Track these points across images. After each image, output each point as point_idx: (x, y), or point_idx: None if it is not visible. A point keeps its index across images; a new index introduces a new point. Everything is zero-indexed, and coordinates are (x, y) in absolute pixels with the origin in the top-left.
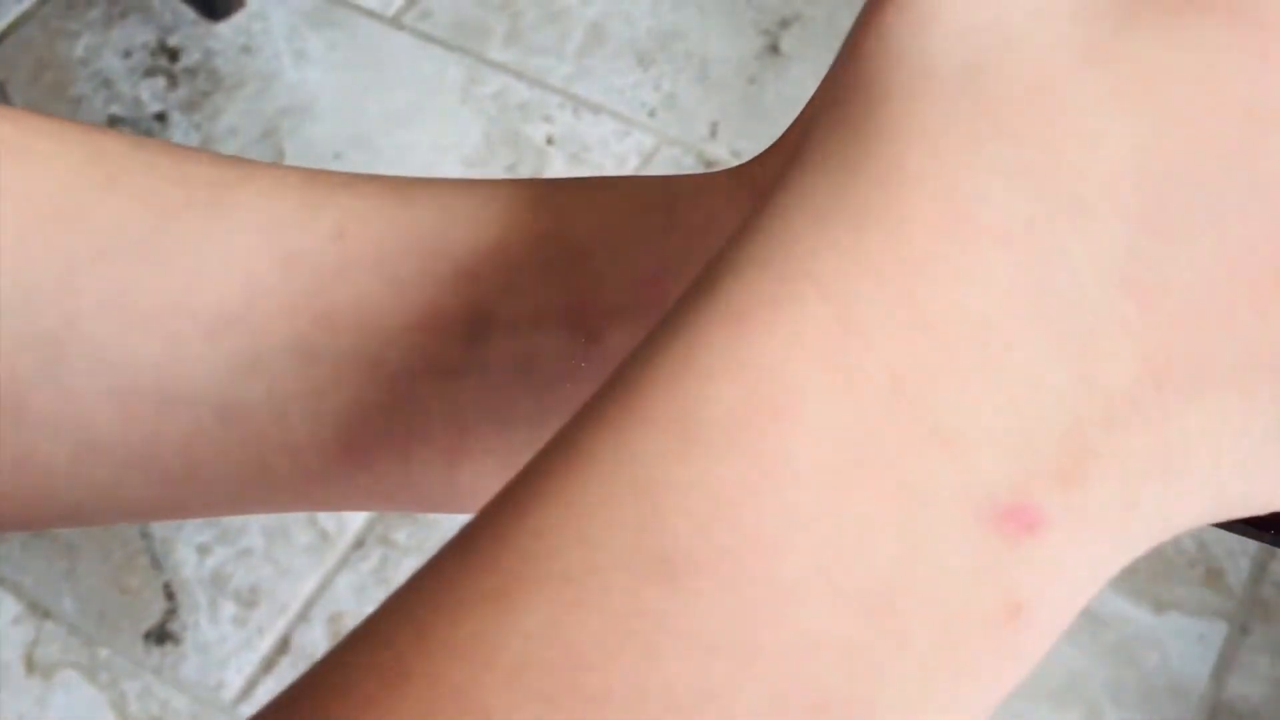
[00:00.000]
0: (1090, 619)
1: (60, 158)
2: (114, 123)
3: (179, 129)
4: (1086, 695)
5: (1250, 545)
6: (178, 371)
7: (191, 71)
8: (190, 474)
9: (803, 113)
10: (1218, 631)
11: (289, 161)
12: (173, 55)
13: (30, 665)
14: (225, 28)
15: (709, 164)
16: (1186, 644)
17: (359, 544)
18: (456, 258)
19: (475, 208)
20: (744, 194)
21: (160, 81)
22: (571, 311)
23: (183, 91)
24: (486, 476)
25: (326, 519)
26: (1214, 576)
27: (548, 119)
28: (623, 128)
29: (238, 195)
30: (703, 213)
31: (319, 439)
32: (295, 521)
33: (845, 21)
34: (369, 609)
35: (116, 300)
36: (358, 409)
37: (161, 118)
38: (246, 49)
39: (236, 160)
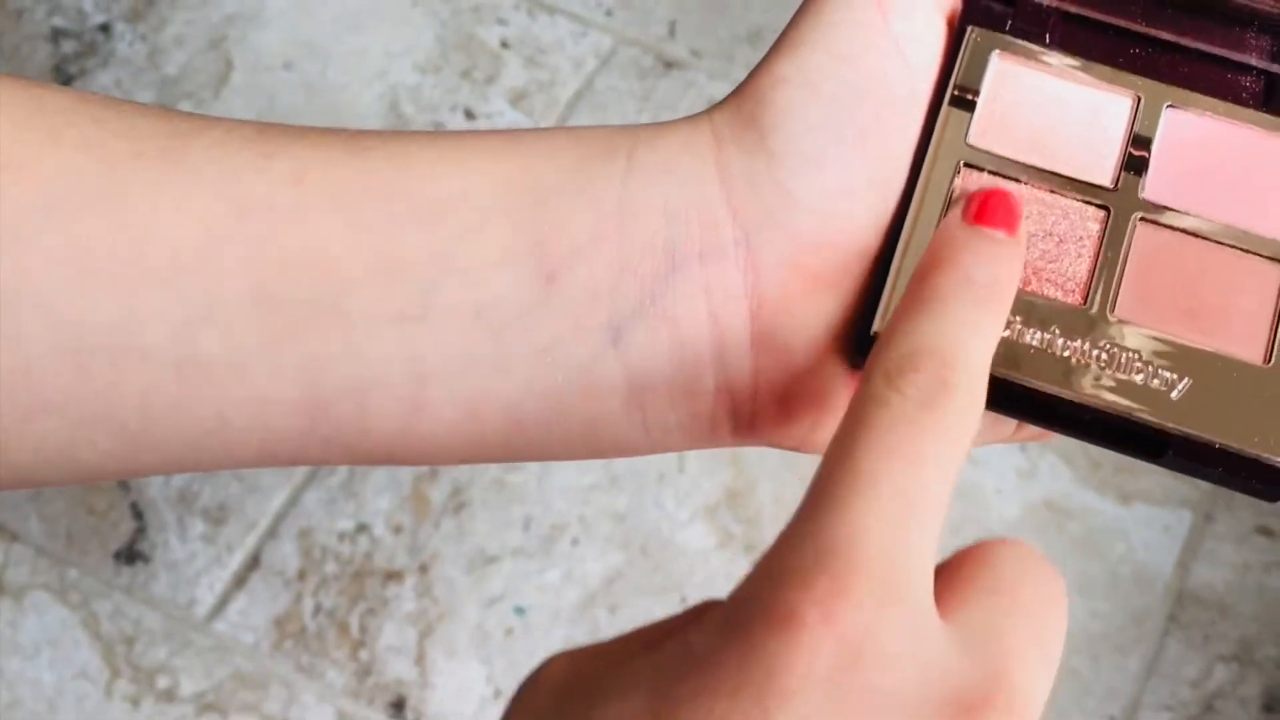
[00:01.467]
0: (1056, 511)
1: (1, 111)
2: (57, 35)
3: (124, 40)
4: None
5: None
6: (133, 325)
7: None
8: (147, 431)
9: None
10: (1182, 521)
11: (238, 73)
12: None
13: None
14: None
15: (668, 64)
16: (1152, 534)
17: None
18: (416, 202)
19: (435, 155)
20: (701, 139)
21: None
22: (533, 252)
23: (126, 1)
24: (445, 427)
25: None
26: None
27: (502, 21)
28: (579, 29)
29: (189, 144)
30: (661, 156)
31: (278, 390)
32: None
33: None
34: (339, 523)
35: (67, 254)
36: (317, 358)
37: (105, 29)
38: None
39: (187, 114)
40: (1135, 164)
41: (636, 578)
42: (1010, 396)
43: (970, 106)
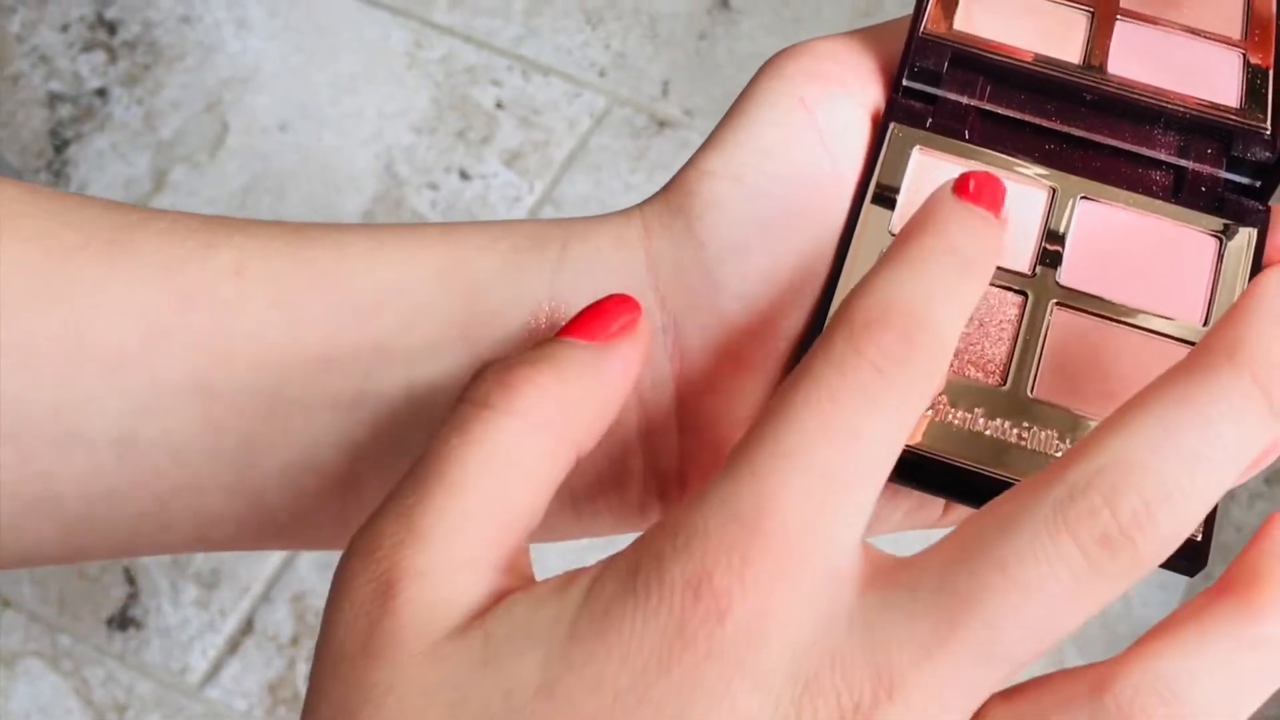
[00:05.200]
0: None
1: None
2: (54, 100)
3: (120, 104)
4: None
5: None
6: (76, 412)
7: (131, 44)
8: (86, 515)
9: None
10: (1179, 576)
11: (233, 136)
12: (111, 28)
13: None
14: None
15: (662, 123)
16: (1149, 590)
17: None
18: (353, 294)
19: (373, 247)
20: (631, 231)
21: (100, 56)
22: (465, 341)
23: (123, 65)
24: None
25: None
26: None
27: (496, 82)
28: (573, 89)
29: (135, 236)
30: (592, 247)
31: (216, 476)
32: None
33: None
34: None
35: (13, 342)
36: (253, 444)
37: (102, 93)
38: (186, 19)
39: (134, 207)
40: (1051, 251)
41: None
42: (934, 473)
43: (891, 204)
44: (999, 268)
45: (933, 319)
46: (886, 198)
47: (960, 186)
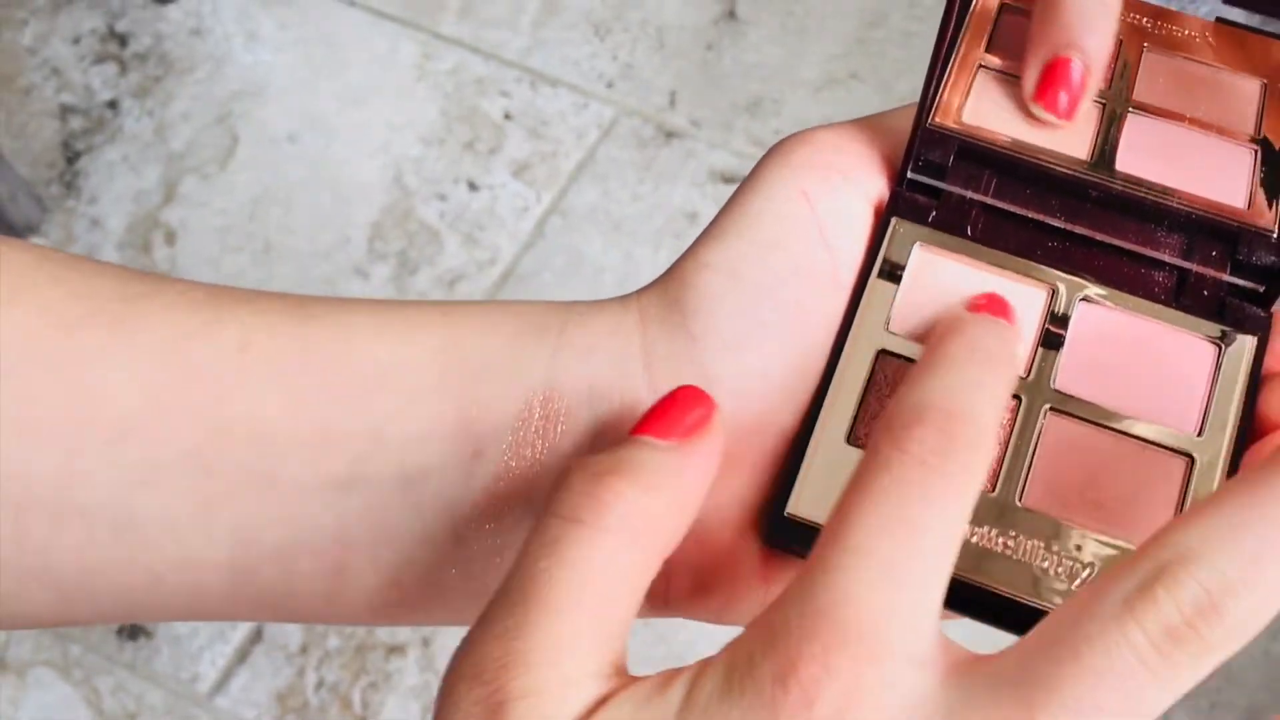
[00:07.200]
0: None
1: None
2: (65, 112)
3: (131, 116)
4: None
5: None
6: (74, 483)
7: (142, 57)
8: (81, 585)
9: None
10: None
11: (243, 147)
12: (122, 41)
13: (3, 664)
14: (174, 10)
15: (669, 134)
16: None
17: None
18: (353, 374)
19: (376, 326)
20: (628, 320)
21: (111, 68)
22: (460, 428)
23: (134, 77)
24: (368, 593)
25: None
26: None
27: (505, 94)
28: (581, 100)
29: (141, 308)
30: (590, 335)
31: (209, 551)
32: None
33: None
34: None
35: (16, 413)
36: (247, 522)
37: (113, 105)
38: (196, 31)
39: (143, 274)
40: (1048, 354)
41: (640, 649)
42: None
43: (885, 310)
44: None
45: (967, 410)
46: (882, 304)
47: (973, 305)
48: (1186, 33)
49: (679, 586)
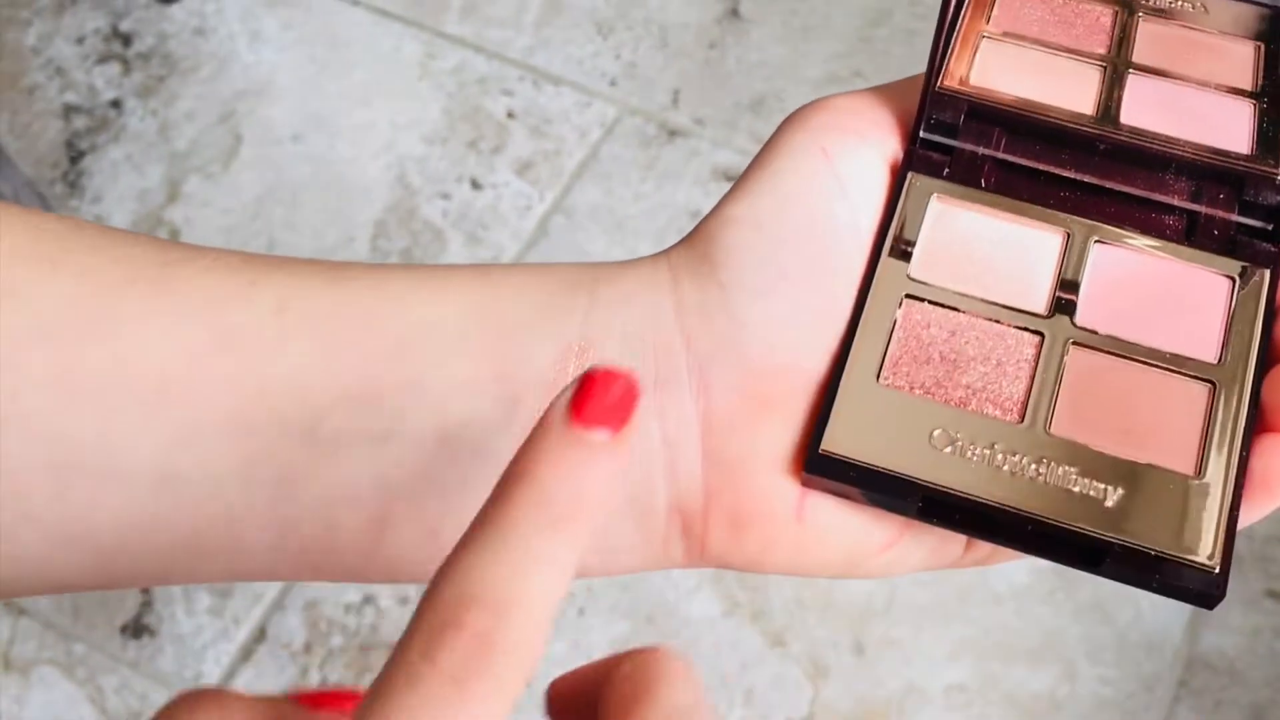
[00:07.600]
0: (1065, 578)
1: (1, 239)
2: (69, 111)
3: (135, 115)
4: (1062, 653)
5: None
6: (115, 444)
7: (145, 56)
8: (121, 546)
9: None
10: None
11: (247, 147)
12: (126, 40)
13: (7, 663)
14: (178, 10)
15: (672, 132)
16: (1160, 599)
17: None
18: (390, 331)
19: (411, 286)
20: (659, 275)
21: (114, 68)
22: (499, 378)
23: (137, 77)
24: (408, 546)
25: None
26: None
27: (508, 92)
28: (584, 99)
29: (179, 273)
30: (621, 290)
31: (251, 509)
32: None
33: None
34: (345, 596)
35: (59, 375)
36: (288, 478)
37: (117, 105)
38: (200, 31)
39: (177, 244)
40: (1067, 293)
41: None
42: (954, 510)
43: (907, 257)
44: (1016, 309)
45: (515, 599)
46: (904, 250)
47: (576, 404)
48: (1180, 4)
49: (717, 532)
